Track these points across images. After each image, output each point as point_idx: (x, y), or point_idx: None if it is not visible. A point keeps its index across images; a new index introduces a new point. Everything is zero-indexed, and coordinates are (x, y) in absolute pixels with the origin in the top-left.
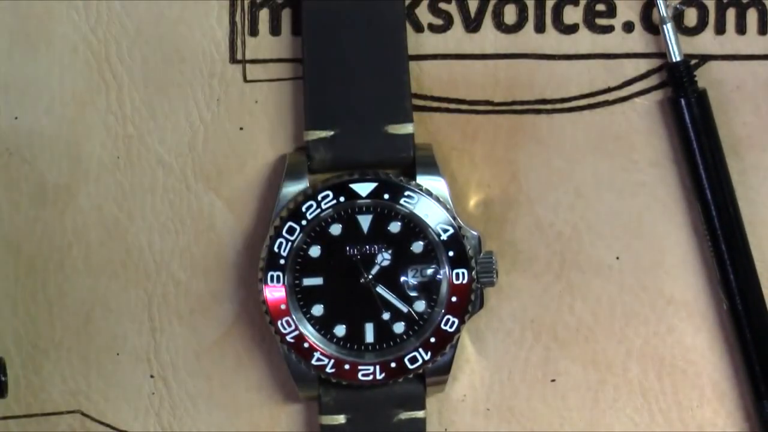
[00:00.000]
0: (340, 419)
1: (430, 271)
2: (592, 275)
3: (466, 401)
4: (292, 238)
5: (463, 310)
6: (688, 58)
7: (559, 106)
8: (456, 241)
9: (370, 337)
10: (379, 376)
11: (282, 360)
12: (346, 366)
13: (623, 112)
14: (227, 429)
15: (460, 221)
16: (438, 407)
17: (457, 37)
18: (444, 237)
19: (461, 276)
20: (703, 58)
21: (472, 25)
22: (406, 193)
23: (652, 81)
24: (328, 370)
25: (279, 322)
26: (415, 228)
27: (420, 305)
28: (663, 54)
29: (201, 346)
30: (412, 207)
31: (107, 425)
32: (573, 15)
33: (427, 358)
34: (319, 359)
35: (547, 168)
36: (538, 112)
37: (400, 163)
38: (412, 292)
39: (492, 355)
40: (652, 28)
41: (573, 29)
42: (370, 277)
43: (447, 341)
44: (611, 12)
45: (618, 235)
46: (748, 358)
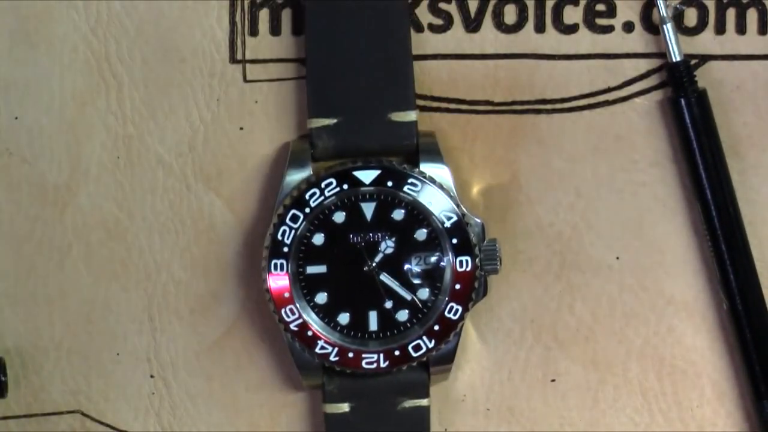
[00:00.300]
0: (344, 407)
1: (433, 259)
2: (592, 275)
3: (466, 401)
4: (295, 225)
5: (467, 298)
6: (688, 58)
7: (559, 106)
8: (459, 229)
9: (373, 325)
10: (383, 364)
11: (282, 359)
12: (350, 354)
13: (623, 112)
14: (227, 429)
15: (464, 209)
16: (438, 407)
17: (457, 37)
18: (447, 224)
19: (465, 263)
20: (703, 58)
21: (472, 25)
22: (410, 180)
23: (652, 81)
24: (332, 358)
25: (283, 310)
26: (419, 215)
27: (424, 293)
28: (663, 54)
29: (201, 346)
30: (416, 194)
31: (107, 425)
32: (573, 15)
33: (431, 345)
34: (322, 347)
35: (547, 168)
36: (538, 112)
37: (403, 150)
38: (416, 280)
39: (492, 355)
40: (652, 28)
41: (573, 29)
42: (374, 264)
43: (451, 329)
44: (611, 12)
45: (618, 235)
46: (748, 358)
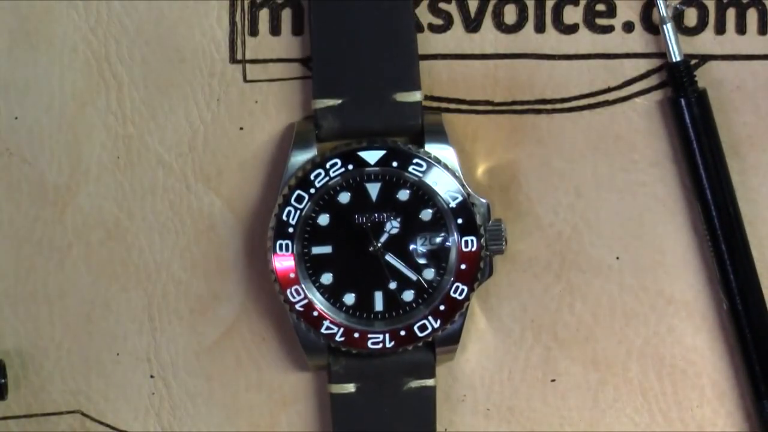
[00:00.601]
0: (350, 388)
1: (439, 239)
2: (592, 275)
3: (466, 401)
4: (300, 206)
5: (473, 278)
6: (688, 58)
7: (559, 106)
8: (465, 209)
9: (379, 305)
10: (389, 345)
11: (282, 359)
12: (356, 334)
13: (623, 112)
14: (227, 429)
15: (469, 189)
16: (438, 407)
17: (457, 37)
18: (453, 204)
19: (470, 243)
20: (703, 58)
21: (472, 25)
22: (415, 160)
23: (652, 81)
24: (338, 338)
25: (288, 291)
26: (424, 196)
27: (429, 273)
28: (663, 54)
29: (201, 346)
30: (421, 175)
31: (107, 425)
32: (573, 15)
33: (437, 326)
34: (328, 328)
35: (547, 168)
36: (538, 112)
37: (408, 131)
38: (422, 260)
39: (492, 355)
40: (652, 28)
41: (573, 29)
42: (379, 245)
43: (456, 309)
44: (611, 12)
45: (618, 235)
46: (748, 358)
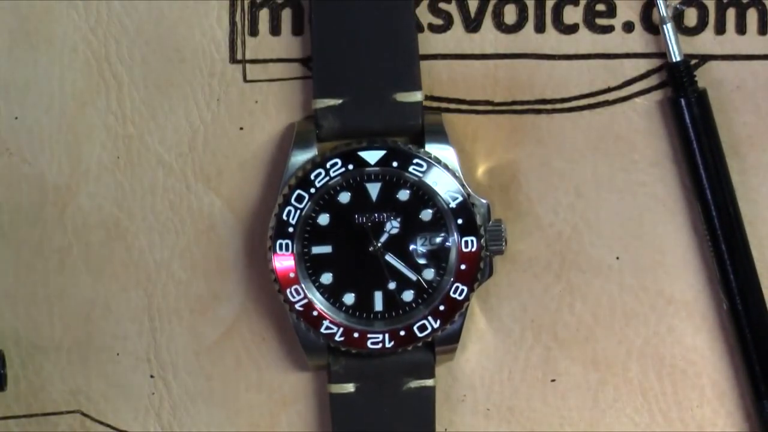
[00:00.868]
0: (350, 388)
1: (439, 239)
2: (592, 275)
3: (466, 401)
4: (300, 206)
5: (473, 278)
6: (688, 58)
7: (559, 106)
8: (465, 209)
9: (379, 305)
10: (389, 345)
11: (282, 359)
12: (355, 334)
13: (623, 112)
14: (227, 429)
15: (469, 189)
16: (438, 407)
17: (457, 37)
18: (453, 205)
19: (470, 244)
20: (703, 58)
21: (472, 25)
22: (415, 160)
23: (652, 81)
24: (337, 338)
25: (288, 291)
26: (424, 196)
27: (429, 273)
28: (663, 54)
29: (201, 346)
30: (421, 175)
31: (107, 425)
32: (573, 15)
33: (437, 326)
34: (328, 327)
35: (547, 168)
36: (538, 112)
37: (408, 131)
38: (421, 260)
39: (492, 355)
40: (652, 28)
41: (573, 29)
42: (379, 245)
43: (456, 309)
44: (611, 12)
45: (618, 235)
46: (748, 358)
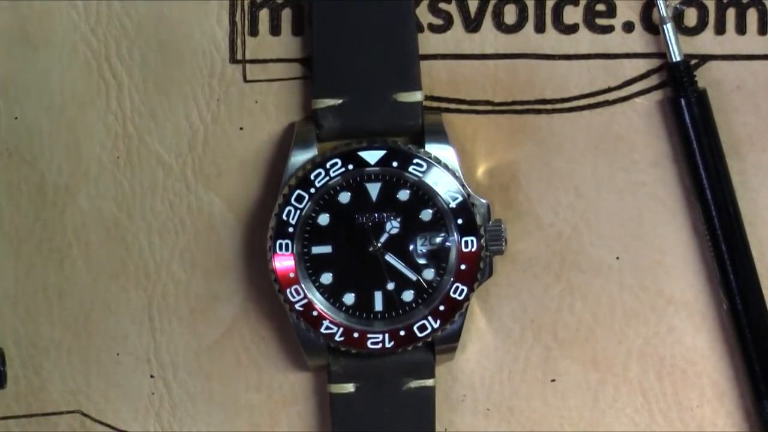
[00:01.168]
0: (349, 388)
1: (439, 239)
2: (592, 275)
3: (466, 401)
4: (300, 206)
5: (473, 278)
6: (688, 58)
7: (559, 106)
8: (465, 209)
9: (379, 305)
10: (389, 345)
11: (282, 359)
12: (355, 334)
13: (623, 112)
14: (227, 429)
15: (469, 189)
16: (438, 407)
17: (457, 37)
18: (453, 205)
19: (470, 244)
20: (703, 58)
21: (472, 25)
22: (415, 160)
23: (652, 81)
24: (337, 338)
25: (288, 291)
26: (424, 196)
27: (429, 273)
28: (663, 54)
29: (201, 346)
30: (421, 175)
31: (107, 425)
32: (573, 15)
33: (437, 326)
34: (328, 327)
35: (547, 168)
36: (538, 112)
37: (408, 131)
38: (421, 260)
39: (492, 355)
40: (652, 28)
41: (573, 29)
42: (379, 245)
43: (456, 309)
44: (611, 12)
45: (618, 235)
46: (748, 358)
